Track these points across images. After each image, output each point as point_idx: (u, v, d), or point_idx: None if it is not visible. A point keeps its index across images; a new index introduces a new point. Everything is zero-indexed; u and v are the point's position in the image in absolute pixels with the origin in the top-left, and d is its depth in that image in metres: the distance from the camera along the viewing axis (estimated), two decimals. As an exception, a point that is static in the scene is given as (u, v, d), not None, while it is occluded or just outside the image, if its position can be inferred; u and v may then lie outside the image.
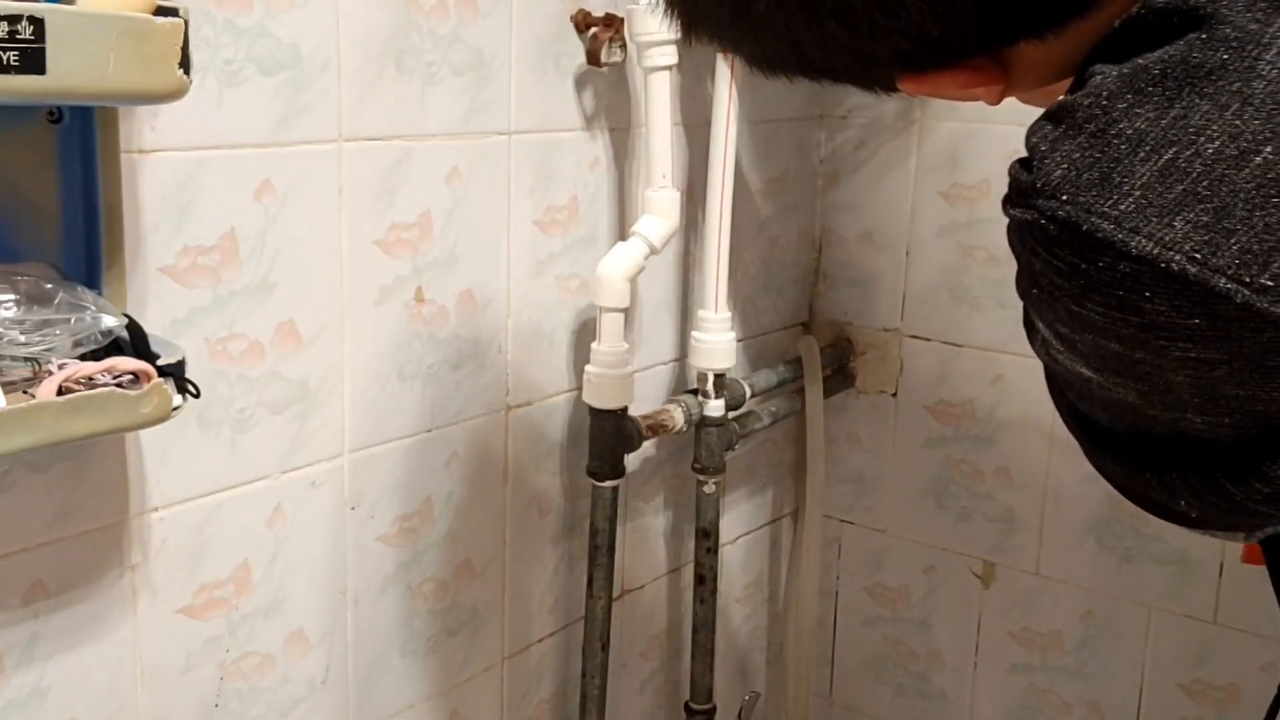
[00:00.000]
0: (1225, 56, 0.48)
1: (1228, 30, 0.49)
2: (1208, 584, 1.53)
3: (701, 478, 1.51)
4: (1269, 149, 0.47)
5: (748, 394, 1.55)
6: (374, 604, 1.23)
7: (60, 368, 0.84)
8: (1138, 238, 0.49)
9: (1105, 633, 1.61)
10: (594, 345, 1.32)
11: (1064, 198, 0.51)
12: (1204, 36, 0.49)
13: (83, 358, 0.86)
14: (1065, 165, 0.51)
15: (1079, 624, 1.63)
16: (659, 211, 1.31)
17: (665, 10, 0.63)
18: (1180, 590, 1.55)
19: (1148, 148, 0.49)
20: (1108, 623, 1.61)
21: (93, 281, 0.91)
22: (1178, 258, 0.48)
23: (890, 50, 0.58)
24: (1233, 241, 0.48)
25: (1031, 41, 0.57)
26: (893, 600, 1.80)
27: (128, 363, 0.86)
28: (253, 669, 1.14)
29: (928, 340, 1.69)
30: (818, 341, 1.71)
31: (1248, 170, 0.48)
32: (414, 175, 1.17)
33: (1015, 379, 1.62)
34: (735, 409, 1.53)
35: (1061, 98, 0.55)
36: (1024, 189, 0.53)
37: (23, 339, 0.83)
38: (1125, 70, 0.51)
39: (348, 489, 1.18)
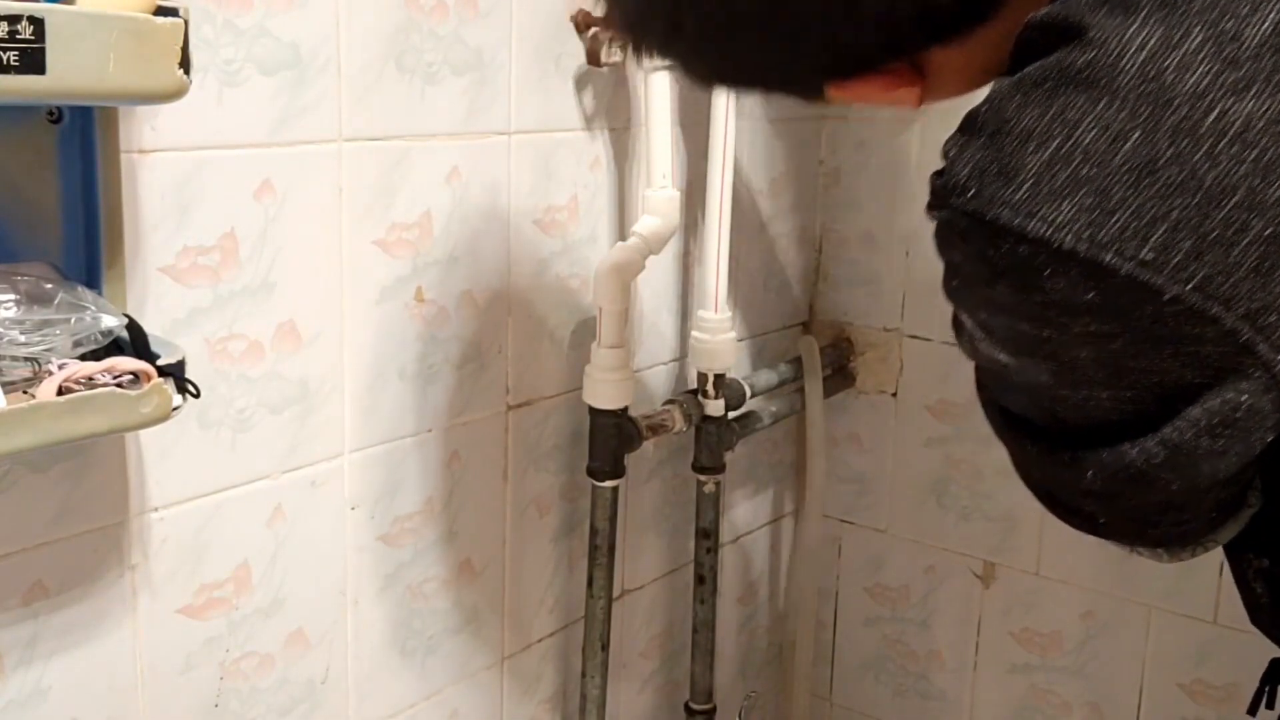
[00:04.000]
0: (1093, 55, 0.54)
1: (1094, 34, 0.54)
2: (1208, 584, 1.53)
3: (701, 478, 1.51)
4: (1136, 135, 0.52)
5: (748, 394, 1.55)
6: (374, 604, 1.23)
7: (60, 368, 0.84)
8: (1032, 221, 0.54)
9: (1105, 633, 1.61)
10: (594, 345, 1.32)
11: (970, 194, 0.56)
12: (1077, 42, 0.54)
13: (83, 358, 0.86)
14: (970, 165, 0.57)
15: (1079, 624, 1.63)
16: (659, 211, 1.31)
17: (617, 30, 0.68)
18: (1180, 590, 1.55)
19: (1035, 141, 0.54)
20: (1108, 623, 1.61)
21: (93, 281, 0.91)
22: (1068, 237, 0.53)
23: (812, 63, 0.63)
24: (1114, 220, 0.53)
25: (942, 48, 0.63)
26: (893, 600, 1.80)
27: (128, 363, 0.86)
28: (253, 669, 1.14)
29: (928, 340, 1.69)
30: (818, 341, 1.71)
31: (1119, 156, 0.53)
32: (414, 175, 1.17)
33: (1015, 379, 1.62)
34: (735, 409, 1.53)
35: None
36: (938, 192, 0.59)
37: (23, 339, 0.83)
38: (1014, 79, 0.57)
39: (348, 489, 1.18)
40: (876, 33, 0.61)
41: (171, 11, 0.81)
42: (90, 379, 0.84)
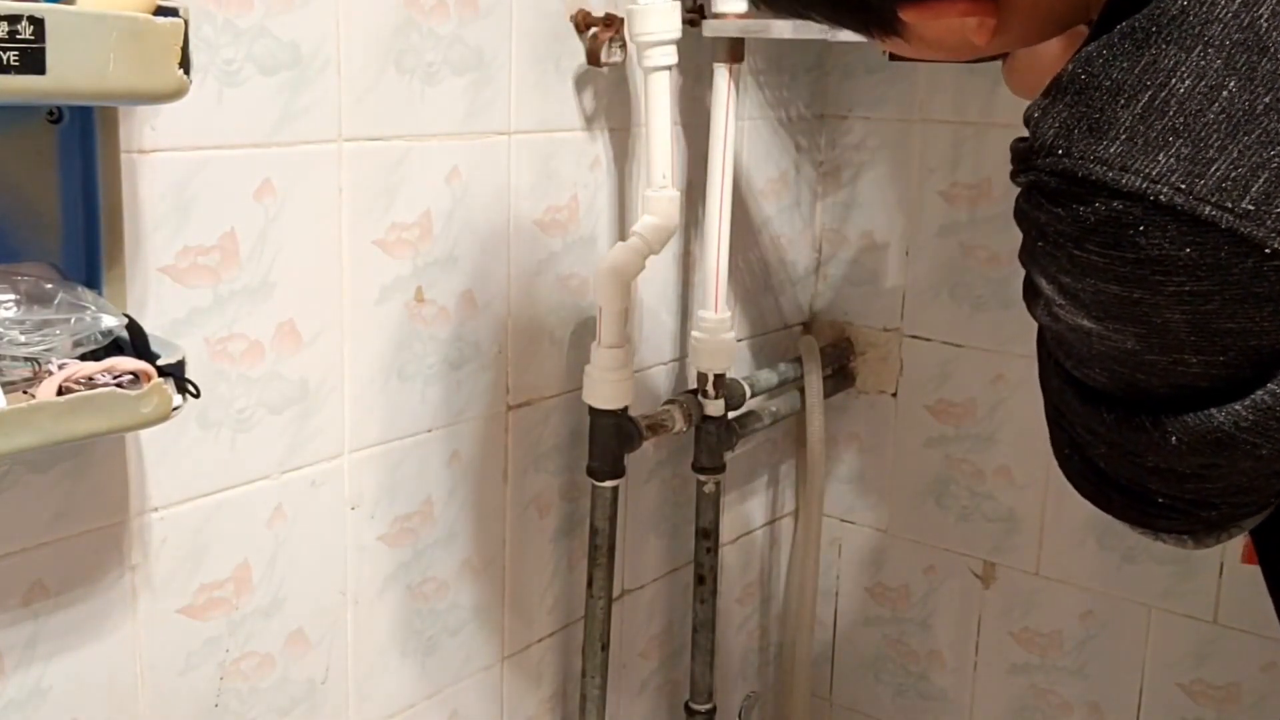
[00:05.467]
0: (1185, 3, 0.53)
1: None
2: (1208, 584, 1.53)
3: (701, 478, 1.51)
4: (1232, 83, 0.51)
5: (748, 394, 1.55)
6: (374, 604, 1.23)
7: (60, 368, 0.84)
8: (1126, 175, 0.53)
9: (1105, 633, 1.61)
10: (594, 345, 1.32)
11: (1060, 152, 0.55)
12: None
13: (83, 358, 0.86)
14: (1057, 124, 0.56)
15: (1079, 624, 1.63)
16: (659, 212, 1.31)
17: None
18: (1180, 590, 1.55)
19: (1126, 94, 0.53)
20: (1108, 623, 1.61)
21: (93, 281, 0.91)
22: (1164, 189, 0.52)
23: None
24: (1213, 171, 0.51)
25: None
26: (893, 600, 1.80)
27: (128, 363, 0.86)
28: (253, 669, 1.14)
29: (928, 340, 1.69)
30: (818, 341, 1.71)
31: (1216, 105, 0.52)
32: (414, 175, 1.17)
33: (1015, 379, 1.62)
34: (735, 409, 1.53)
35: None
36: (1023, 154, 0.57)
37: (23, 339, 0.83)
38: (1102, 38, 0.56)
39: (348, 489, 1.18)
40: None
41: (171, 11, 0.81)
42: (90, 379, 0.84)
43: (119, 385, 0.85)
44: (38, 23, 0.74)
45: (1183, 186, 0.51)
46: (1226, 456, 0.58)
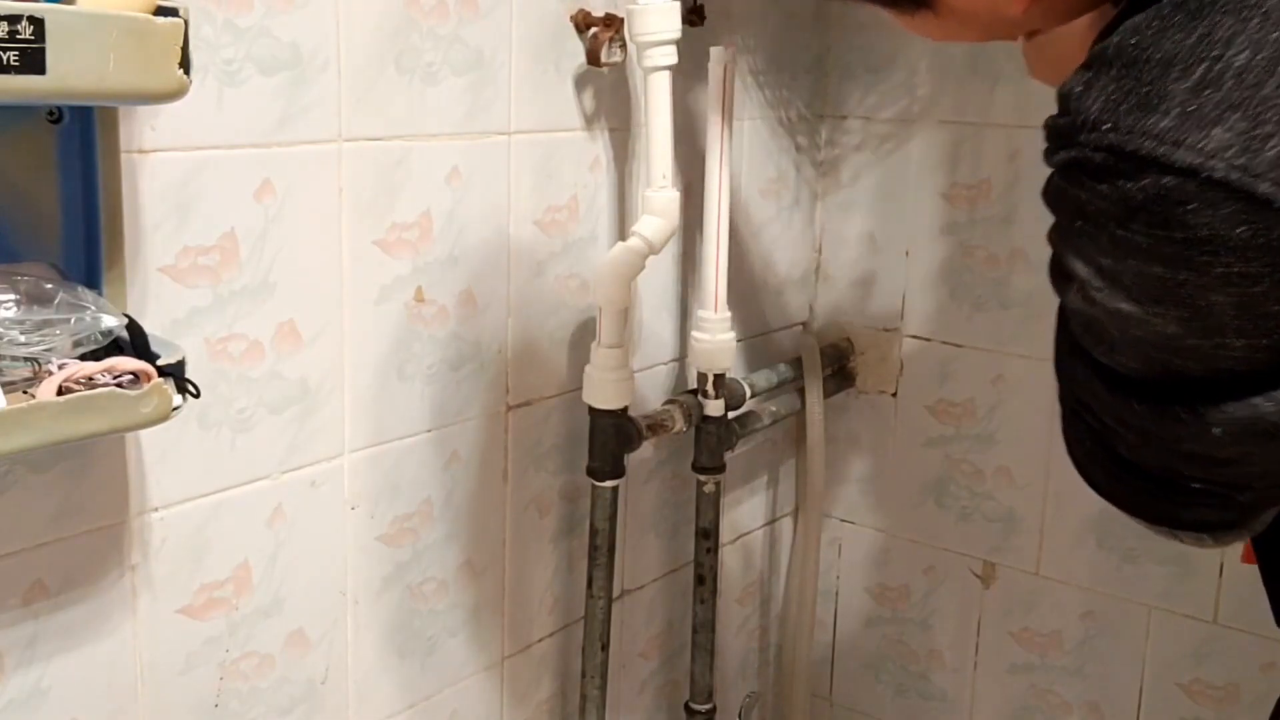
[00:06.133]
0: None
1: None
2: (1208, 584, 1.53)
3: (701, 478, 1.51)
4: None
5: (748, 394, 1.55)
6: (374, 604, 1.23)
7: (60, 368, 0.84)
8: (1179, 150, 0.50)
9: (1105, 633, 1.61)
10: (594, 345, 1.32)
11: (1106, 127, 0.52)
12: None
13: (83, 358, 0.86)
14: (1102, 99, 0.53)
15: (1079, 624, 1.63)
16: (659, 211, 1.31)
17: None
18: (1180, 590, 1.55)
19: (1180, 67, 0.51)
20: (1108, 623, 1.61)
21: (93, 281, 0.91)
22: (1219, 165, 0.50)
23: None
24: (1269, 147, 0.49)
25: None
26: (893, 600, 1.80)
27: (128, 363, 0.86)
28: (253, 669, 1.14)
29: (928, 340, 1.69)
30: (818, 341, 1.71)
31: (1275, 78, 0.49)
32: (414, 175, 1.17)
33: (1015, 379, 1.62)
34: (735, 409, 1.53)
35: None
36: (1064, 131, 0.55)
37: (23, 339, 0.83)
38: (1150, 8, 0.53)
39: (348, 489, 1.18)
40: None
41: (171, 11, 0.81)
42: (90, 379, 0.84)
43: (119, 385, 0.85)
44: (38, 23, 0.74)
45: (1239, 163, 0.50)
46: (1272, 445, 0.57)
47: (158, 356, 0.89)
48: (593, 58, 1.30)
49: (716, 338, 1.44)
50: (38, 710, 0.99)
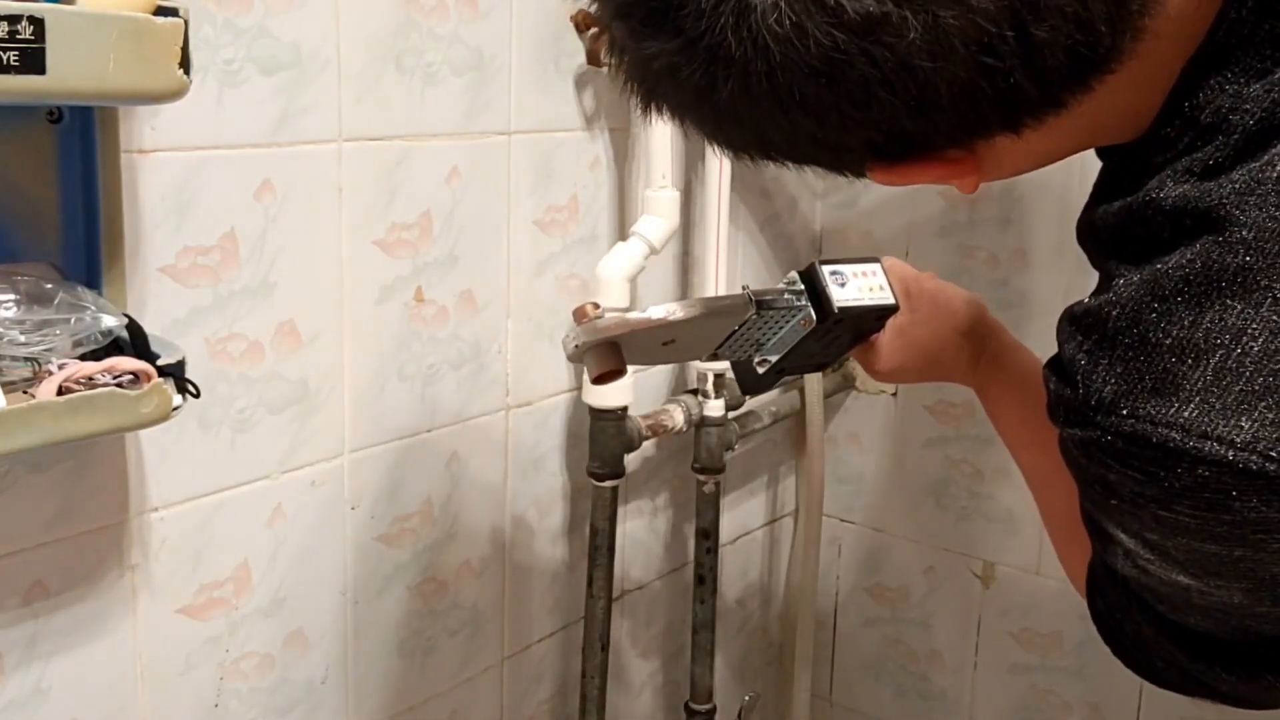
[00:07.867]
0: (1248, 259, 0.49)
1: (1244, 232, 0.49)
2: (1208, 584, 1.53)
3: (701, 478, 1.51)
4: None
5: (748, 394, 1.54)
6: (374, 604, 1.23)
7: (60, 368, 0.84)
8: (1209, 443, 0.49)
9: (1105, 633, 1.61)
10: (594, 345, 1.32)
11: (1124, 412, 0.51)
12: (1220, 239, 0.49)
13: (83, 358, 0.86)
14: (1113, 380, 0.51)
15: (1079, 624, 1.63)
16: (659, 211, 1.31)
17: (624, 84, 0.60)
18: (1180, 590, 1.55)
19: (1193, 354, 0.49)
20: (1108, 623, 1.61)
21: (93, 281, 0.91)
22: (1254, 458, 0.48)
23: (861, 141, 0.56)
24: None
25: (1008, 135, 0.56)
26: (893, 600, 1.80)
27: (128, 363, 0.86)
28: (253, 669, 1.14)
29: (928, 340, 1.68)
30: (818, 341, 1.71)
31: None
32: (414, 175, 1.17)
33: (1015, 379, 1.62)
34: (735, 409, 1.52)
35: (1087, 302, 0.54)
36: (1076, 407, 0.53)
37: (23, 339, 0.83)
38: (1145, 277, 0.51)
39: (348, 489, 1.18)
40: (946, 118, 0.54)
41: (171, 11, 0.81)
42: (90, 379, 0.84)
43: (119, 385, 0.85)
44: (38, 23, 0.74)
45: (1274, 454, 0.48)
46: None
47: (158, 356, 0.89)
48: (593, 58, 1.30)
49: (716, 338, 1.44)
50: (38, 710, 0.99)
